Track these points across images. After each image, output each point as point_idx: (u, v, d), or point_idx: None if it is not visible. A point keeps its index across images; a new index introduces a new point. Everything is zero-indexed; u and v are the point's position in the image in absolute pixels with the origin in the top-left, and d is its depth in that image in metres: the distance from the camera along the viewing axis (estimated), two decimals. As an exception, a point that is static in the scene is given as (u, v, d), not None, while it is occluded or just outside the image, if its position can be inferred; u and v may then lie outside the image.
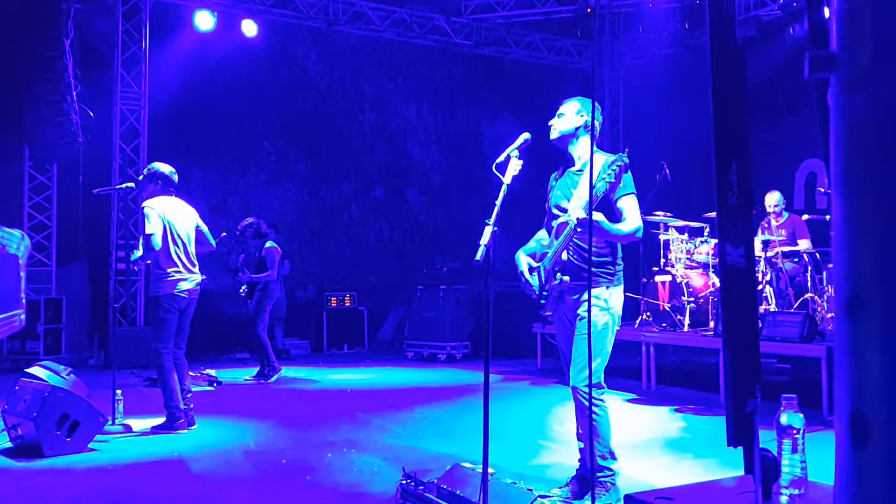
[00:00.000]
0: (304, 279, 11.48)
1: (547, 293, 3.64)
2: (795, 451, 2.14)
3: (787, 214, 7.83)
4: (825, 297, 6.89)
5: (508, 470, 4.23)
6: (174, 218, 5.53)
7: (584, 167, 3.63)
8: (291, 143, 11.51)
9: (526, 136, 3.29)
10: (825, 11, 1.41)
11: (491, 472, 3.15)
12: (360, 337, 11.14)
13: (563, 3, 11.33)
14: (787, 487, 2.13)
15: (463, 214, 10.94)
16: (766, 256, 7.15)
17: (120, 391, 5.57)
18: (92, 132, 8.58)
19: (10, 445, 4.89)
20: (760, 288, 6.99)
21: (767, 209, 7.71)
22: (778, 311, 6.74)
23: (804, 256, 7.42)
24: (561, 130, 3.70)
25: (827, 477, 1.59)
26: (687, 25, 11.22)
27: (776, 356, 7.70)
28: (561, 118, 3.72)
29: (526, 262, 3.73)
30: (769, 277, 7.13)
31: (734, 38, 1.97)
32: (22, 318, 5.12)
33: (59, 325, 9.23)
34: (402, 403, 6.72)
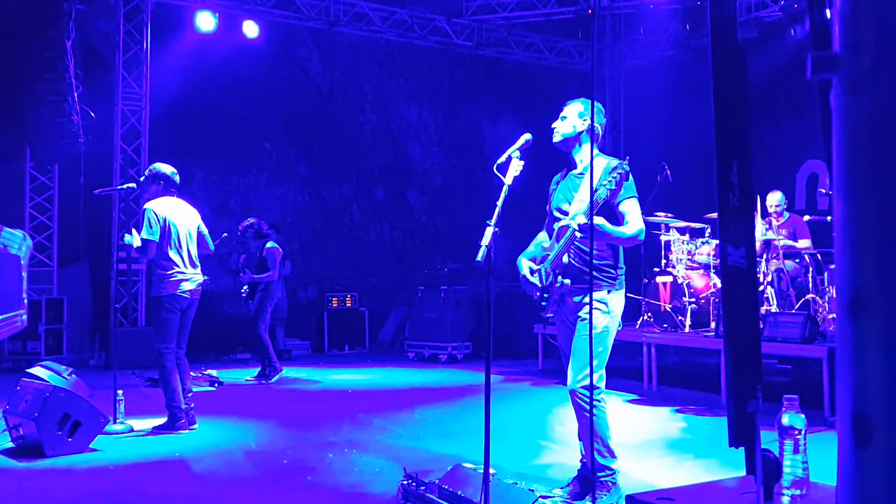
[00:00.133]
0: (305, 280, 11.49)
1: (548, 295, 3.64)
2: (797, 451, 2.14)
3: (787, 214, 7.84)
4: (826, 297, 6.89)
5: (510, 470, 4.24)
6: (176, 219, 5.53)
7: (585, 170, 3.62)
8: (292, 143, 11.52)
9: (527, 136, 3.30)
10: (827, 13, 1.41)
11: (492, 472, 3.16)
12: (361, 337, 11.15)
13: (563, 4, 11.34)
14: (788, 488, 2.13)
15: (464, 215, 10.95)
16: (767, 256, 7.15)
17: (121, 391, 5.57)
18: (93, 133, 8.59)
19: (11, 445, 4.90)
20: (762, 289, 6.99)
21: (769, 209, 7.72)
22: (779, 311, 6.74)
23: (805, 257, 7.42)
24: (563, 133, 3.70)
25: (829, 478, 1.59)
26: (688, 27, 11.22)
27: (777, 357, 7.70)
28: (564, 121, 3.71)
29: (528, 266, 3.74)
30: (770, 278, 7.13)
31: (735, 39, 1.97)
32: (24, 318, 5.13)
33: (60, 325, 9.24)
34: (403, 404, 6.72)
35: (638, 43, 12.15)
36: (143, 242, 5.40)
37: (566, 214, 3.62)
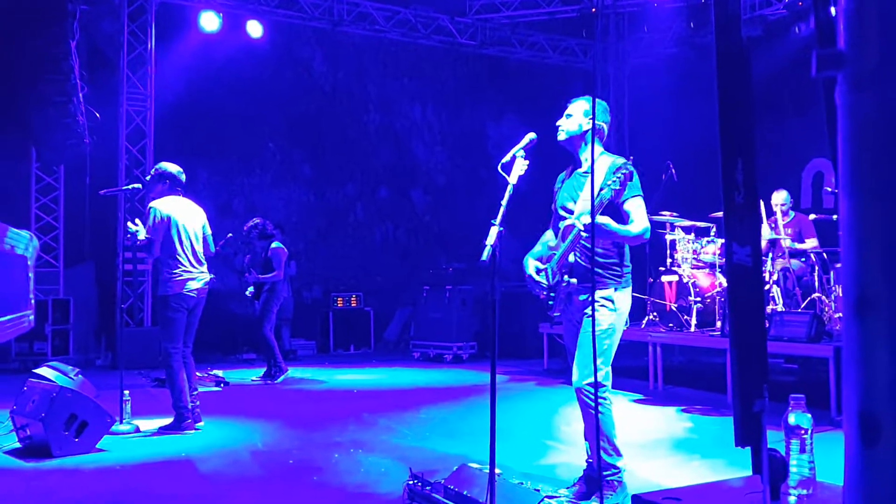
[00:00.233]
0: (309, 280, 11.50)
1: (555, 295, 3.64)
2: (804, 451, 2.14)
3: (793, 214, 7.82)
4: (833, 296, 6.86)
5: (515, 470, 4.23)
6: (181, 217, 5.55)
7: (590, 169, 3.62)
8: (296, 143, 11.54)
9: (531, 135, 3.29)
10: (832, 10, 1.40)
11: (498, 472, 3.16)
12: (366, 337, 11.16)
13: (567, 2, 11.32)
14: (795, 488, 2.13)
15: (468, 215, 10.94)
16: (772, 255, 7.13)
17: (128, 391, 5.59)
18: (98, 133, 8.61)
19: (18, 446, 4.92)
20: (767, 288, 6.98)
21: (774, 207, 7.70)
22: (785, 310, 6.72)
23: (811, 256, 7.40)
24: (569, 131, 3.68)
25: (835, 477, 1.59)
26: (692, 25, 11.19)
27: (783, 356, 7.68)
28: (569, 119, 3.69)
29: (534, 266, 3.73)
30: (776, 277, 7.12)
31: (740, 37, 1.97)
32: (31, 318, 5.14)
33: (66, 325, 9.27)
34: (408, 404, 6.72)
35: (642, 41, 12.13)
36: (147, 240, 5.43)
37: (571, 213, 3.62)
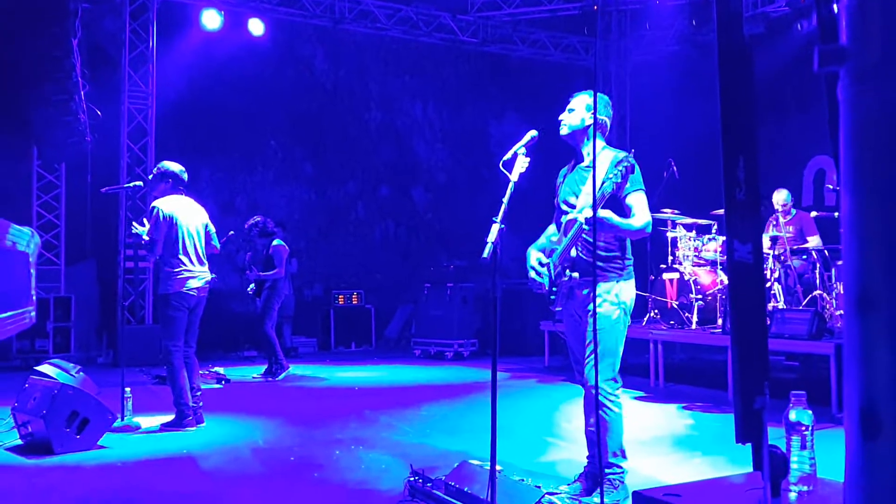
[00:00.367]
0: (311, 277, 11.51)
1: (557, 289, 3.63)
2: (804, 447, 2.14)
3: (794, 211, 7.82)
4: (834, 294, 6.86)
5: (516, 467, 4.23)
6: (183, 217, 5.54)
7: (592, 163, 3.61)
8: (298, 141, 11.54)
9: (533, 133, 3.29)
10: (834, 7, 1.40)
11: (499, 468, 3.16)
12: (367, 335, 11.17)
13: (569, 0, 11.31)
14: (795, 484, 2.13)
15: (469, 212, 10.94)
16: (774, 253, 7.13)
17: (129, 389, 5.60)
18: (100, 131, 8.61)
19: (20, 443, 4.92)
20: (769, 285, 6.97)
21: (775, 206, 7.70)
22: (786, 308, 6.72)
23: (813, 253, 7.40)
24: (571, 126, 3.67)
25: (836, 473, 1.59)
26: (694, 22, 11.18)
27: (785, 353, 7.68)
28: (571, 113, 3.68)
29: (536, 258, 3.70)
30: (778, 274, 7.11)
31: (741, 34, 1.96)
32: (32, 315, 5.15)
33: (68, 323, 9.28)
34: (409, 401, 6.73)
35: (644, 39, 12.11)
36: (150, 240, 5.42)
37: (573, 208, 3.61)
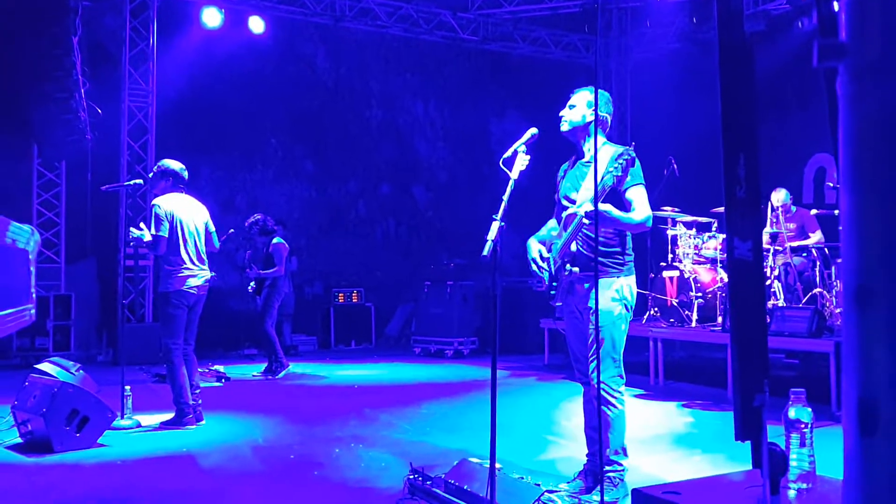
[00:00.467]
0: (311, 276, 11.51)
1: (557, 284, 3.63)
2: (804, 445, 2.14)
3: (794, 209, 7.81)
4: (834, 291, 6.86)
5: (516, 465, 4.23)
6: (183, 215, 5.54)
7: (592, 158, 3.61)
8: (298, 139, 11.53)
9: (533, 130, 3.29)
10: (835, 5, 1.40)
11: (498, 466, 3.16)
12: (367, 333, 11.17)
13: (569, -3, 11.30)
14: (795, 482, 2.13)
15: (469, 210, 10.93)
16: (773, 250, 7.13)
17: (129, 387, 5.60)
18: (100, 129, 8.61)
19: (19, 441, 4.92)
20: (769, 283, 6.97)
21: (774, 203, 7.70)
22: (786, 305, 6.72)
23: (813, 251, 7.40)
24: (572, 122, 3.66)
25: (835, 471, 1.59)
26: (695, 20, 11.17)
27: (784, 351, 7.68)
28: (572, 109, 3.67)
29: (537, 249, 3.69)
30: (778, 272, 7.11)
31: (742, 32, 1.96)
32: (32, 312, 5.15)
33: (68, 321, 9.28)
34: (409, 399, 6.73)
35: (644, 36, 12.10)
36: (153, 239, 5.41)
37: (574, 203, 3.60)
